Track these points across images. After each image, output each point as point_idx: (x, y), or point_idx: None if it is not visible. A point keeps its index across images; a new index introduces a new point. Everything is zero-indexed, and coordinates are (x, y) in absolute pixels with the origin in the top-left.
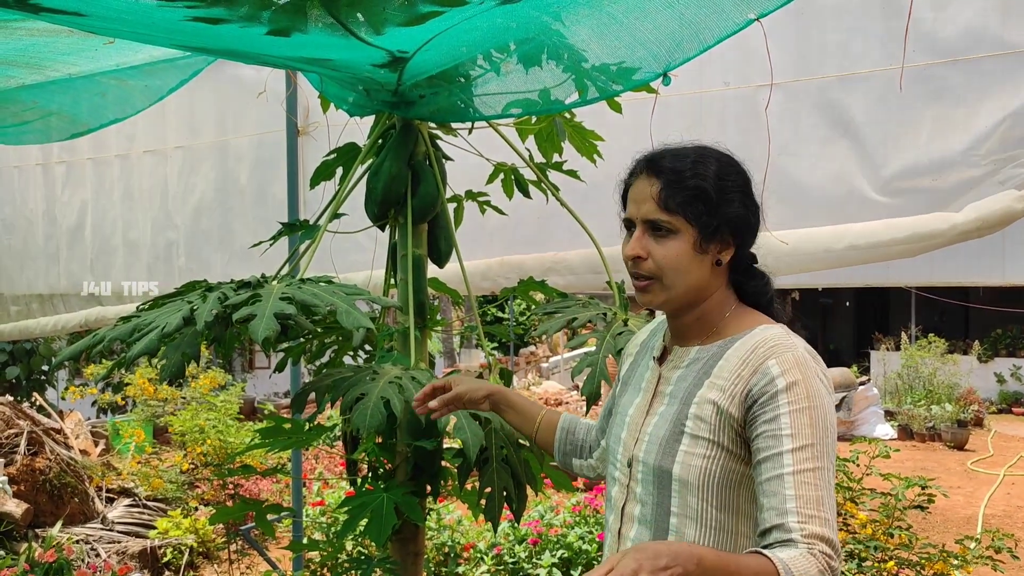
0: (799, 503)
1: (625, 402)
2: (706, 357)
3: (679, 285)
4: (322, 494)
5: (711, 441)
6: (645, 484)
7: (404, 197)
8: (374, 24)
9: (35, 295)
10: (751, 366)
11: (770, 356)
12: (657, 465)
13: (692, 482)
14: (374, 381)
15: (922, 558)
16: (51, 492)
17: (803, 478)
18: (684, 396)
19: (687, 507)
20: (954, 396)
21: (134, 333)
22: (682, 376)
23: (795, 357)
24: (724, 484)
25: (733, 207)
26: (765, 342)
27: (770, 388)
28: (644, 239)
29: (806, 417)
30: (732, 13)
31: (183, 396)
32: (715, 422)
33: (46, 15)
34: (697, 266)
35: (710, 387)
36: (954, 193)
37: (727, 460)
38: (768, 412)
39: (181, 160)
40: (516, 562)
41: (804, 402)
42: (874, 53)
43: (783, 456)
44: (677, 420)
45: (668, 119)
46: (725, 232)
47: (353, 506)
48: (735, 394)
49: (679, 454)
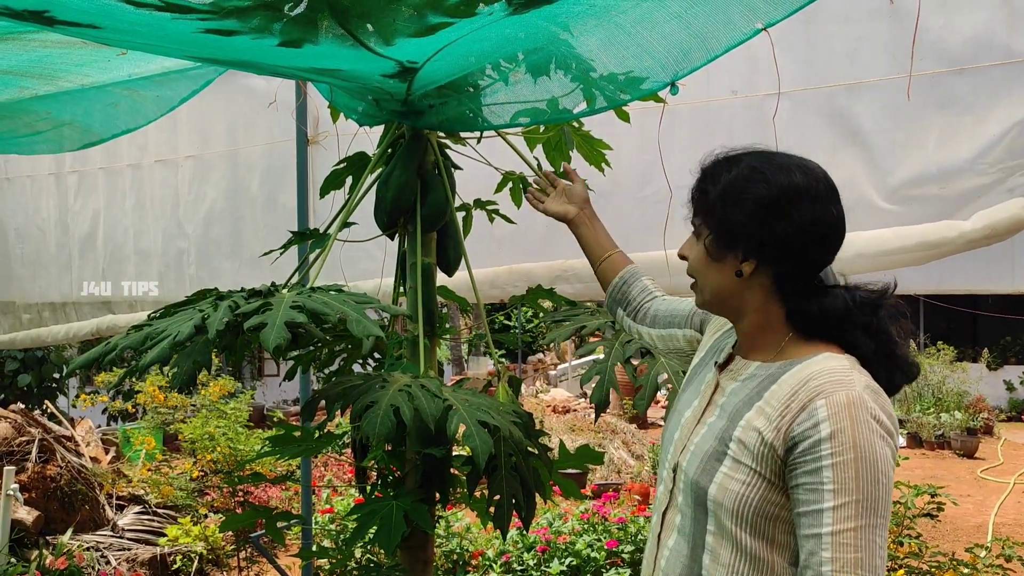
0: (835, 566)
1: (684, 401)
2: (764, 375)
3: (705, 288)
4: (331, 501)
5: (752, 469)
6: (686, 495)
7: (413, 206)
8: (384, 35)
9: (47, 303)
10: (800, 401)
11: (820, 394)
12: (695, 480)
13: (728, 506)
14: (384, 389)
15: (932, 567)
16: (62, 499)
17: (842, 539)
18: (733, 413)
19: (722, 529)
20: (963, 404)
21: (146, 341)
22: (736, 390)
23: (848, 398)
24: (760, 514)
25: (739, 218)
26: (820, 375)
27: (813, 433)
28: (691, 239)
29: (851, 469)
30: (739, 23)
31: (193, 403)
32: (758, 452)
33: (61, 28)
34: (715, 272)
35: (758, 412)
36: (962, 201)
37: (767, 490)
38: (809, 462)
39: (192, 169)
40: (525, 569)
41: (849, 452)
42: (881, 61)
43: (823, 514)
44: (722, 438)
45: (676, 128)
46: (739, 244)
47: (363, 514)
48: (780, 428)
49: (718, 475)
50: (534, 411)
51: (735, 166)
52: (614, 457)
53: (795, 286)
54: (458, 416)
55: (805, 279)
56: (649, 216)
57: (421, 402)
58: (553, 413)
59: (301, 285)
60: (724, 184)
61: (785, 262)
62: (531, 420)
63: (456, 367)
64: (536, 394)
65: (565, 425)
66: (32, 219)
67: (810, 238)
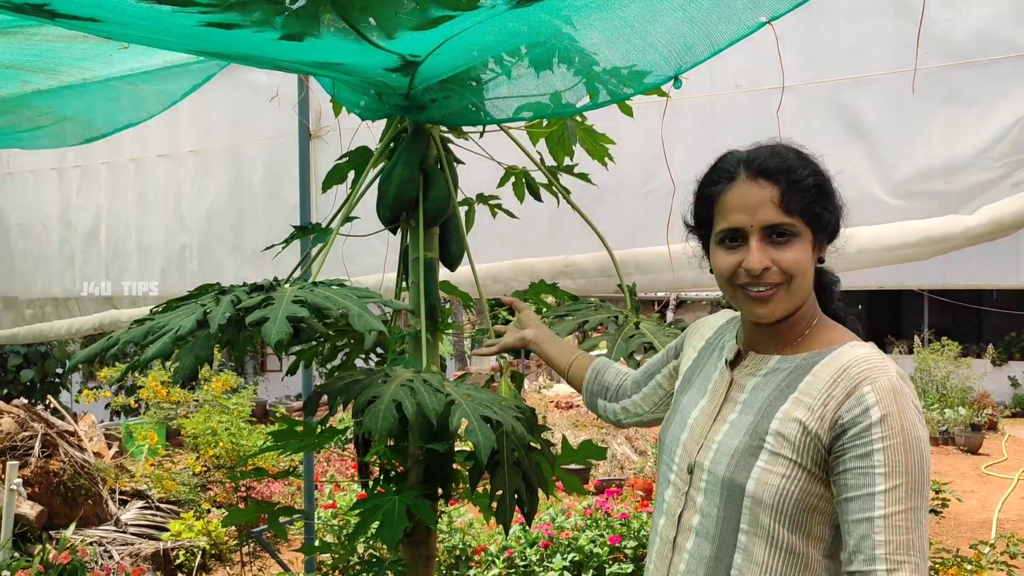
0: (888, 548)
1: (687, 402)
2: (789, 368)
3: (802, 291)
4: (334, 497)
5: (793, 461)
6: (709, 495)
7: (416, 200)
8: (386, 28)
9: (50, 298)
10: (843, 388)
11: (864, 380)
12: (728, 478)
13: (767, 501)
14: (386, 384)
15: (936, 563)
16: (65, 494)
17: (894, 521)
18: (763, 408)
19: (758, 526)
20: (967, 400)
21: (148, 336)
22: (759, 385)
23: (891, 384)
24: (801, 506)
25: (838, 201)
26: (858, 362)
27: (863, 419)
28: (762, 247)
29: (900, 453)
30: (743, 16)
31: (196, 399)
32: (800, 442)
33: (61, 21)
34: (812, 268)
35: (795, 403)
36: (967, 196)
37: (807, 482)
38: (860, 446)
39: (194, 164)
40: (527, 565)
41: (899, 436)
42: (886, 56)
43: (874, 497)
44: (754, 433)
45: (680, 122)
46: (826, 229)
47: (365, 509)
48: (824, 416)
49: (755, 470)
50: (538, 407)
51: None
52: (617, 453)
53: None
54: (460, 411)
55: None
56: (653, 211)
57: (423, 397)
58: (557, 409)
59: (303, 280)
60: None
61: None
62: (534, 415)
63: (459, 362)
64: (540, 390)
65: (568, 421)
66: (34, 214)
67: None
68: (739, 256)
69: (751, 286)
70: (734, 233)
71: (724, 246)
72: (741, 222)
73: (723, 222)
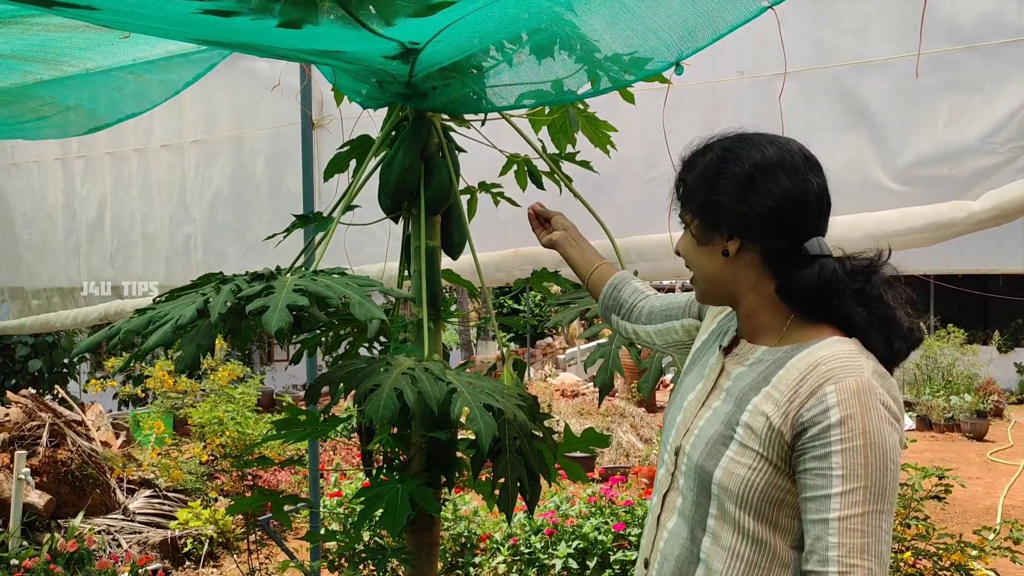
0: (841, 551)
1: (687, 384)
2: (770, 360)
3: (699, 278)
4: (339, 485)
5: (759, 454)
6: (688, 478)
7: (417, 189)
8: (385, 15)
9: (55, 288)
10: (808, 386)
11: (829, 380)
12: (700, 464)
13: (733, 490)
14: (387, 372)
15: (939, 549)
16: (73, 483)
17: (849, 524)
18: (739, 397)
19: (725, 512)
20: (973, 386)
21: (149, 325)
22: (742, 375)
23: (857, 384)
24: (766, 499)
25: (715, 198)
26: (829, 359)
27: (822, 419)
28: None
29: (860, 456)
30: (745, 1)
31: (202, 388)
32: (765, 436)
33: (59, 9)
34: (705, 258)
35: (766, 397)
36: (971, 181)
37: (773, 475)
38: (819, 448)
39: (197, 154)
40: (532, 552)
41: (859, 439)
42: (890, 40)
43: (831, 499)
44: (728, 423)
45: (682, 109)
46: (722, 224)
47: (368, 497)
48: (788, 413)
49: (724, 459)
50: (542, 395)
51: (709, 151)
52: (622, 441)
53: (782, 260)
54: (462, 399)
55: (791, 251)
56: (655, 198)
57: (424, 385)
58: (562, 397)
59: (305, 269)
60: (700, 169)
61: (768, 236)
62: (536, 403)
63: (465, 351)
64: (545, 378)
65: (573, 409)
66: (39, 204)
67: (790, 209)
68: None
69: None
70: None
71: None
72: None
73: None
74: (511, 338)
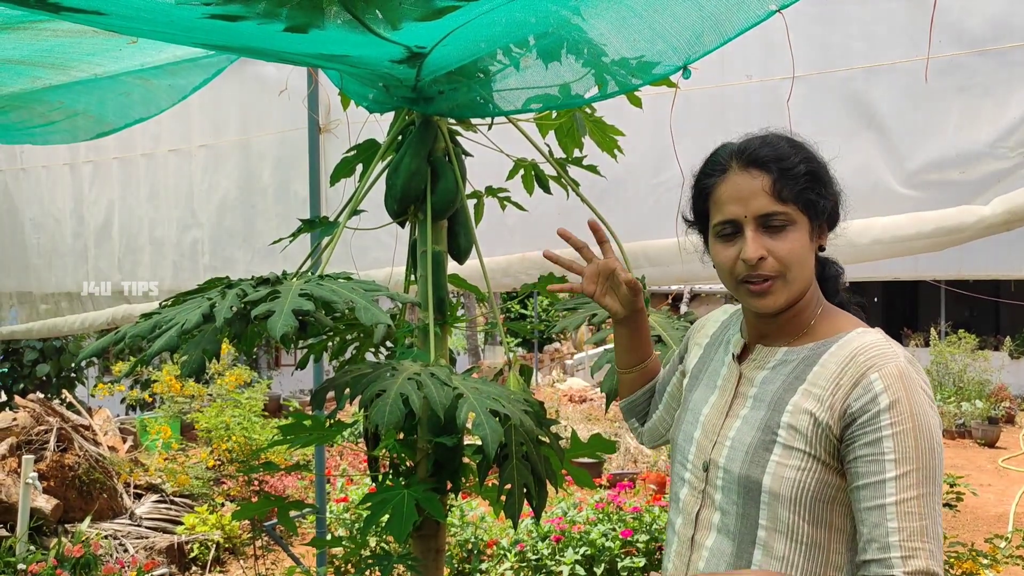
0: (902, 536)
1: (698, 399)
2: (796, 360)
3: (801, 280)
4: (346, 490)
5: (807, 453)
6: (727, 492)
7: (424, 193)
8: (391, 19)
9: (64, 293)
10: (851, 377)
11: (872, 368)
12: (744, 474)
13: (785, 495)
14: (393, 378)
15: (951, 557)
16: (80, 488)
17: (907, 507)
18: (773, 401)
19: (777, 520)
20: (985, 393)
21: (155, 330)
22: (768, 378)
23: (898, 369)
24: (819, 498)
25: (835, 187)
26: (865, 349)
27: (872, 406)
28: (758, 237)
29: (911, 439)
30: (753, 4)
31: (209, 393)
32: (812, 433)
33: (66, 14)
34: (810, 256)
35: (805, 395)
36: (981, 186)
37: (823, 473)
38: (869, 433)
39: (205, 158)
40: (539, 559)
41: (908, 422)
42: (899, 44)
43: (885, 484)
44: (767, 427)
45: (689, 113)
46: (830, 216)
47: (374, 502)
48: (834, 406)
49: (770, 464)
50: (550, 400)
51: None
52: (630, 446)
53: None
54: (468, 404)
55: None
56: (663, 203)
57: (430, 390)
58: (569, 403)
59: (310, 273)
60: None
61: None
62: (542, 408)
63: (472, 356)
64: (552, 383)
65: (581, 414)
66: (48, 209)
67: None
68: (737, 248)
69: (751, 280)
70: (730, 225)
71: (721, 239)
72: (735, 213)
73: (718, 214)
74: (518, 343)
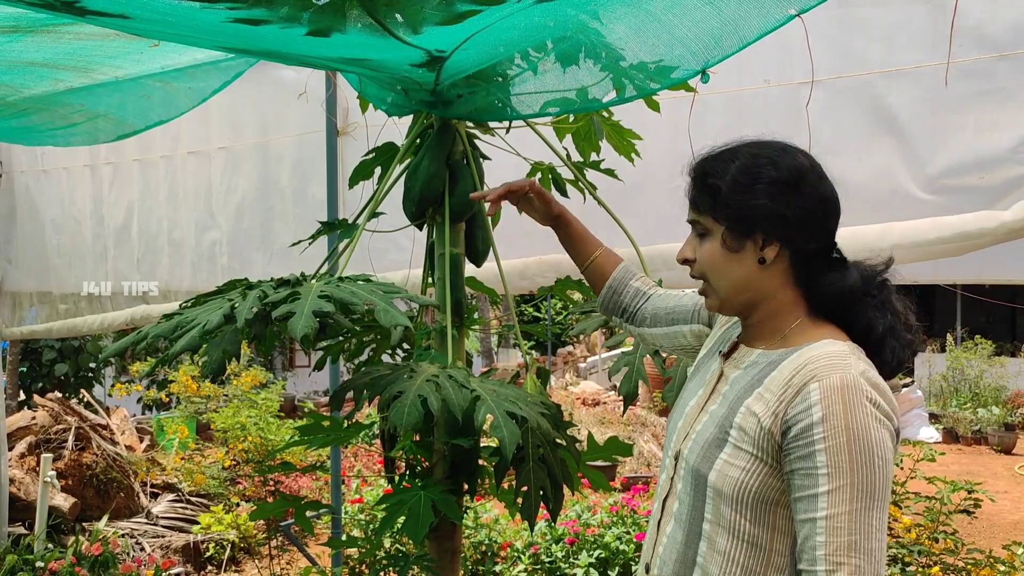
0: (828, 550)
1: (690, 391)
2: (764, 363)
3: (722, 287)
4: (361, 491)
5: (753, 455)
6: (685, 483)
7: (442, 196)
8: (412, 24)
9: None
10: (795, 385)
11: (814, 378)
12: (695, 468)
13: (727, 493)
14: (411, 379)
15: (968, 563)
16: (97, 487)
17: (836, 522)
18: (733, 400)
19: (720, 516)
20: (1001, 399)
21: (176, 330)
22: (738, 378)
23: (842, 381)
24: (761, 499)
25: (757, 201)
26: (817, 359)
27: (805, 417)
28: (692, 241)
29: (844, 453)
30: (772, 9)
31: (225, 393)
32: (757, 436)
33: (91, 18)
34: (736, 266)
35: (757, 398)
36: (1002, 191)
37: (767, 476)
38: (803, 447)
39: (224, 161)
40: (553, 561)
41: (842, 435)
42: (919, 48)
43: (817, 499)
44: (721, 426)
45: (707, 117)
46: (758, 229)
47: (390, 504)
48: (777, 413)
49: (718, 462)
50: (564, 403)
51: (736, 157)
52: (644, 450)
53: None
54: (486, 406)
55: (823, 255)
56: (680, 207)
57: (448, 392)
58: (583, 406)
59: (329, 275)
60: (733, 174)
61: (805, 240)
62: (559, 411)
63: (486, 359)
64: (566, 386)
65: (595, 418)
66: (68, 210)
67: (825, 212)
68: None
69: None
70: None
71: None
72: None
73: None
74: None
